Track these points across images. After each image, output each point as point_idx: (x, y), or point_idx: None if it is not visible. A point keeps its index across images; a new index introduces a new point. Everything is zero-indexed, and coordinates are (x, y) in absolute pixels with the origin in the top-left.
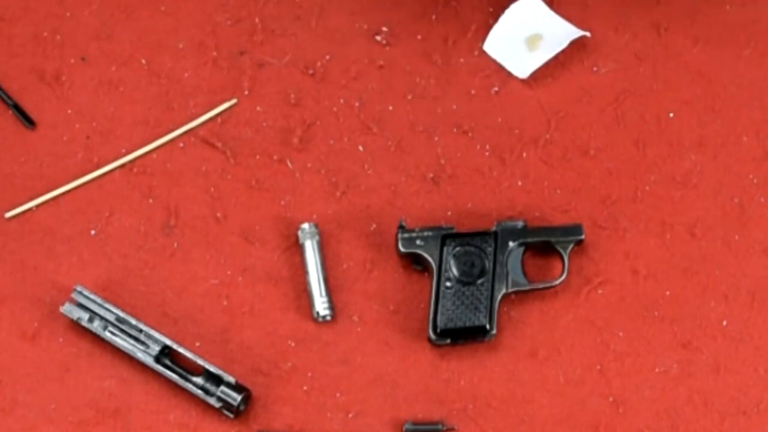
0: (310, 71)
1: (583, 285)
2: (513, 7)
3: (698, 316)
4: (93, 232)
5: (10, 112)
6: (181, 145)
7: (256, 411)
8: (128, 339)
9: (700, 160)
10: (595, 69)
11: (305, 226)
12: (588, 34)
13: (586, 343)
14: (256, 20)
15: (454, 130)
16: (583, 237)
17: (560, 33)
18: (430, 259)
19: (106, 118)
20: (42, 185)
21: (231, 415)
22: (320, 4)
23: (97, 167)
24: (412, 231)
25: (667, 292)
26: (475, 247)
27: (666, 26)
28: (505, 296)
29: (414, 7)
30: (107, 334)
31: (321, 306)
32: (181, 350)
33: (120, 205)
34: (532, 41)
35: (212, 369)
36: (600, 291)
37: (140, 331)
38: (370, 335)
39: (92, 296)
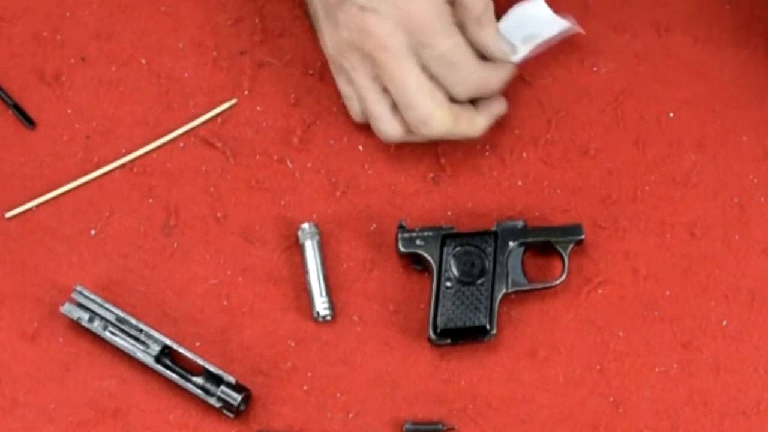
0: (310, 71)
1: (583, 285)
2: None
3: (698, 316)
4: (93, 232)
5: (10, 112)
6: (181, 145)
7: (256, 411)
8: (128, 339)
9: (700, 160)
10: (595, 69)
11: (305, 226)
12: (576, 28)
13: (586, 343)
14: (256, 20)
15: None
16: (583, 237)
17: (549, 24)
18: (430, 259)
19: (106, 118)
20: (42, 185)
21: (231, 415)
22: None
23: (97, 167)
24: (412, 231)
25: (667, 292)
26: (475, 247)
27: (666, 26)
28: (505, 296)
29: None
30: (107, 334)
31: (321, 306)
32: (181, 350)
33: (120, 205)
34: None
35: (212, 369)
36: (600, 291)
37: (140, 331)
38: (370, 335)
39: (92, 296)
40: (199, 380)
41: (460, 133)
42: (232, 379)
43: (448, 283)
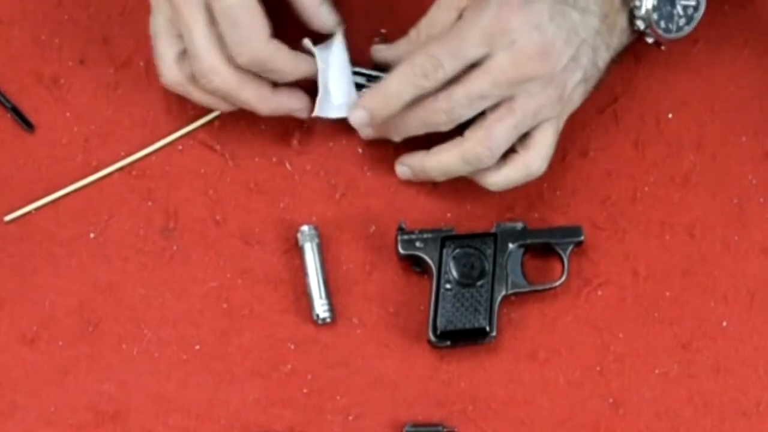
0: None
1: (582, 286)
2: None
3: (698, 317)
4: (92, 235)
5: (9, 115)
6: (180, 147)
7: (256, 414)
8: None
9: (699, 161)
10: None
11: (304, 228)
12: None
13: (586, 344)
14: None
15: None
16: (582, 238)
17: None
18: (429, 261)
19: (105, 121)
20: (40, 188)
21: None
22: None
23: (96, 170)
24: (412, 233)
25: (667, 293)
26: (475, 248)
27: None
28: (505, 298)
29: (413, 7)
30: None
31: (320, 308)
32: None
33: (119, 208)
34: None
35: None
36: (600, 292)
37: None
38: (369, 337)
39: None
40: None
41: (244, 101)
42: None
43: (448, 285)
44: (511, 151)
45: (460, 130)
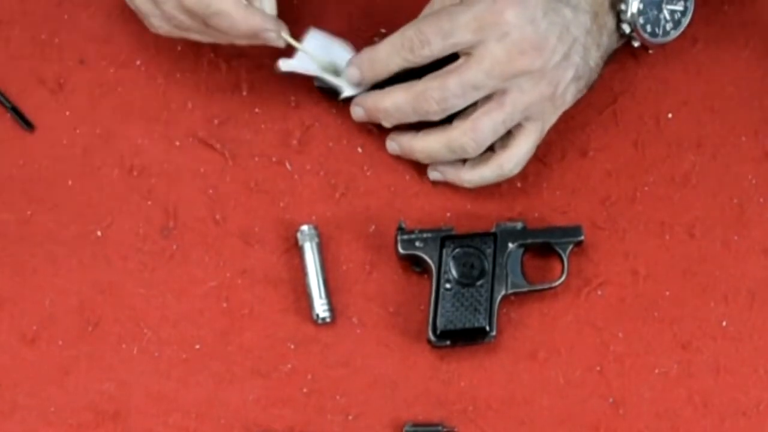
0: None
1: (582, 286)
2: None
3: (698, 317)
4: (92, 235)
5: (9, 115)
6: (177, 143)
7: (256, 413)
8: None
9: (698, 161)
10: None
11: (304, 228)
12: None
13: (585, 344)
14: None
15: None
16: (582, 238)
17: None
18: (429, 260)
19: (105, 121)
20: (41, 188)
21: None
22: (318, 6)
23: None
24: (411, 233)
25: (667, 293)
26: (475, 248)
27: None
28: (505, 297)
29: (411, 8)
30: None
31: (320, 308)
32: None
33: (119, 208)
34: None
35: None
36: (599, 292)
37: None
38: (369, 337)
39: None
40: None
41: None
42: None
43: (448, 285)
44: (490, 149)
45: (450, 118)
